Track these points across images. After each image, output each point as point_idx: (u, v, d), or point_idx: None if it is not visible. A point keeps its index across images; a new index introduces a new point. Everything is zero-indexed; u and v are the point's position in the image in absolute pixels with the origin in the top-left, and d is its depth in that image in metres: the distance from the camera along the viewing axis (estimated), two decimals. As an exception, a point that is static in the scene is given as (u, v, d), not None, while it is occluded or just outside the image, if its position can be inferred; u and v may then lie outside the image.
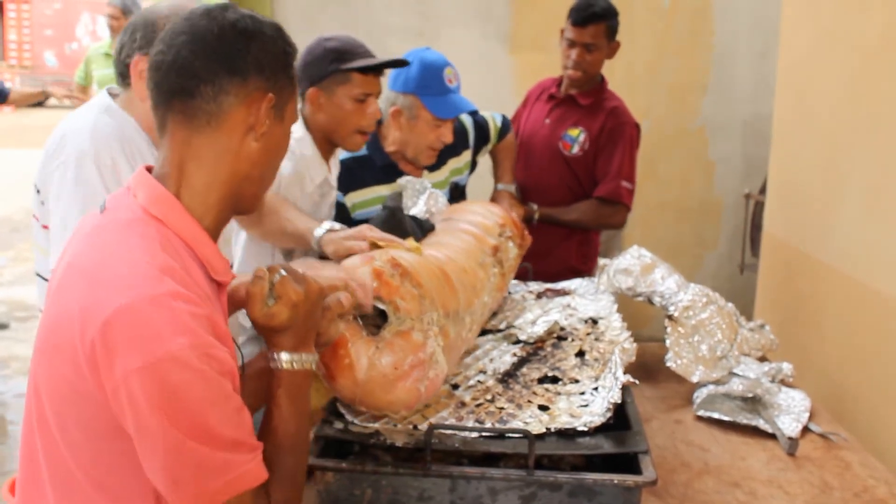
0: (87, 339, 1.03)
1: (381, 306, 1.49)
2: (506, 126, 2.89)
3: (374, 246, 1.78)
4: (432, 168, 2.62)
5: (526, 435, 1.44)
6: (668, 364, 2.10)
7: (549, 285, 2.50)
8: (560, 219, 2.93)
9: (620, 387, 1.62)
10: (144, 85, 1.63)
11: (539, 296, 2.41)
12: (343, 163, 2.47)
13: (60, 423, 1.09)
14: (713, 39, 4.33)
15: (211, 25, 1.17)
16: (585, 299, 2.34)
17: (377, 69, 2.15)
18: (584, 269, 2.98)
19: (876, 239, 2.41)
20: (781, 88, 3.21)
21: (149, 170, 1.22)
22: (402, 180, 2.43)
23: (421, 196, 2.37)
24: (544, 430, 1.55)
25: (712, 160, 4.45)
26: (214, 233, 1.22)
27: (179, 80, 1.16)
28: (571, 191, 3.00)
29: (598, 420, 1.57)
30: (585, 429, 1.55)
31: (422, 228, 2.10)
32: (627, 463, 1.49)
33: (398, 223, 2.03)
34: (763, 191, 3.73)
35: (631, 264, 2.34)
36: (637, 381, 1.68)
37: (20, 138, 13.35)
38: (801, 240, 2.93)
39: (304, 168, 2.14)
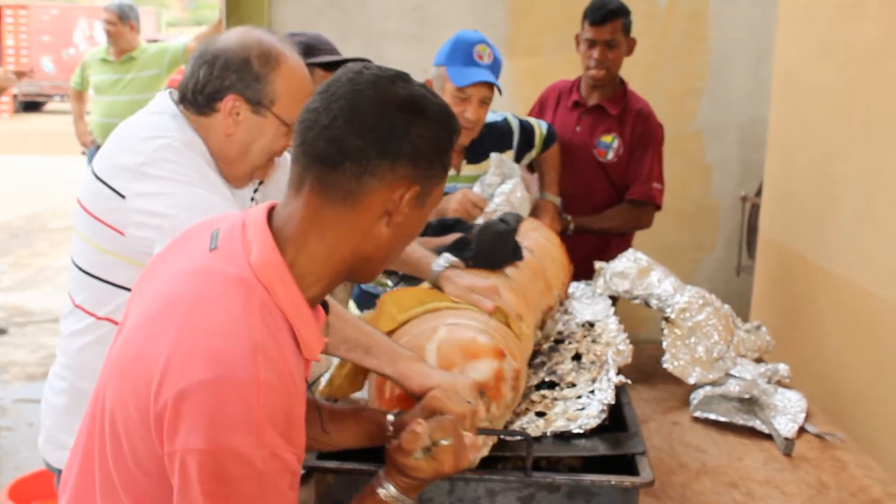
0: (162, 398, 1.01)
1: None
2: (551, 135, 2.87)
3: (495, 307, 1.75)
4: (473, 160, 2.61)
5: (524, 437, 1.46)
6: (665, 366, 2.12)
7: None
8: (593, 227, 2.93)
9: (613, 388, 1.63)
10: (232, 122, 1.62)
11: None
12: None
13: (116, 446, 1.09)
14: (709, 44, 4.35)
15: (375, 98, 1.10)
16: (582, 303, 2.35)
17: (338, 65, 2.10)
18: None
19: (870, 242, 2.43)
20: (777, 93, 3.23)
21: (270, 211, 1.16)
22: (494, 156, 2.45)
23: (508, 180, 2.39)
24: (541, 434, 1.56)
25: (709, 164, 4.46)
26: (317, 301, 1.18)
27: (327, 148, 1.09)
28: (605, 196, 2.99)
29: (593, 422, 1.58)
30: (581, 431, 1.56)
31: (515, 255, 2.04)
32: (625, 464, 1.51)
33: (504, 244, 1.98)
34: (759, 193, 3.75)
35: (627, 267, 2.35)
36: (630, 381, 1.69)
37: (18, 145, 13.36)
38: (796, 242, 2.95)
39: None
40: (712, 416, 2.03)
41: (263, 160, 1.69)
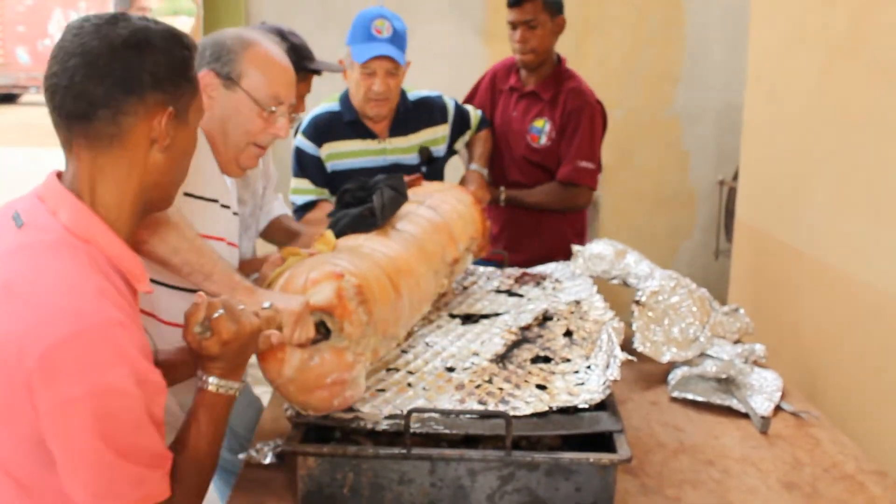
0: (26, 365, 1.06)
1: (329, 325, 1.52)
2: (484, 120, 2.93)
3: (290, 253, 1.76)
4: (400, 132, 2.66)
5: (503, 416, 1.48)
6: (636, 347, 2.13)
7: (525, 270, 2.53)
8: (525, 201, 2.91)
9: (619, 364, 1.66)
10: (206, 97, 1.64)
11: (517, 280, 2.45)
12: (316, 118, 2.64)
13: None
14: (685, 30, 4.38)
15: (102, 45, 1.18)
16: (564, 283, 2.38)
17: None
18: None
19: (844, 224, 2.46)
20: (752, 79, 3.25)
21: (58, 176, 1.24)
22: None
23: None
24: (547, 409, 1.59)
25: (686, 149, 4.51)
26: (130, 238, 1.27)
27: (76, 104, 1.18)
28: (541, 181, 2.95)
29: (597, 397, 1.62)
30: (586, 406, 1.60)
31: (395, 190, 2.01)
32: (604, 443, 1.53)
33: (358, 225, 1.95)
34: (736, 177, 3.79)
35: (604, 250, 2.39)
36: (635, 359, 1.72)
37: (-7, 137, 13.19)
38: (772, 226, 2.99)
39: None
40: (690, 396, 2.05)
41: (242, 143, 1.75)
